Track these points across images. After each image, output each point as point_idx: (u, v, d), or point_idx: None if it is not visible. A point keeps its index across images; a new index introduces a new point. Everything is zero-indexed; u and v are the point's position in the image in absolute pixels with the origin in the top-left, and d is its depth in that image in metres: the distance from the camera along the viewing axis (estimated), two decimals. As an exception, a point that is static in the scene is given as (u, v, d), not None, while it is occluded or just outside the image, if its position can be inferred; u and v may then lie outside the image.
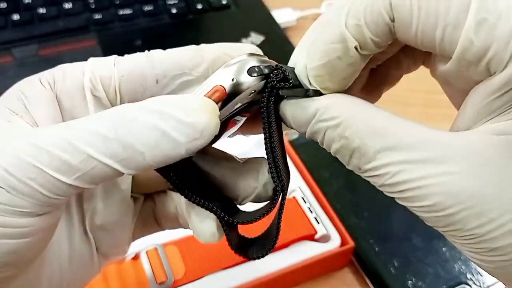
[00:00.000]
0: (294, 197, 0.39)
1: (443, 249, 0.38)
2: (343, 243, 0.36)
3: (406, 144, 0.16)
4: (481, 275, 0.36)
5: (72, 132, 0.16)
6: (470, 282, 0.36)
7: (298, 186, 0.39)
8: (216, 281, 0.34)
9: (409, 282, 0.36)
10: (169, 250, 0.35)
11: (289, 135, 0.46)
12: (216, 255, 0.35)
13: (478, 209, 0.16)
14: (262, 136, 0.20)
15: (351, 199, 0.41)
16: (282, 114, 0.20)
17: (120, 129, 0.16)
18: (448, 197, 0.16)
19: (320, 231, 0.36)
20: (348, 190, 0.42)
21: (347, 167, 0.18)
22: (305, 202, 0.38)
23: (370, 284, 0.37)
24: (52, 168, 0.16)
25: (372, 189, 0.19)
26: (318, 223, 0.37)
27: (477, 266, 0.37)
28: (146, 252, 0.35)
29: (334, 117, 0.18)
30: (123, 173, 0.17)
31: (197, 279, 0.34)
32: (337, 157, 0.18)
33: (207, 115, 0.17)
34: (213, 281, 0.34)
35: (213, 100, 0.18)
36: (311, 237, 0.37)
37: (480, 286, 0.36)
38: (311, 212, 0.38)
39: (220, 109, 0.18)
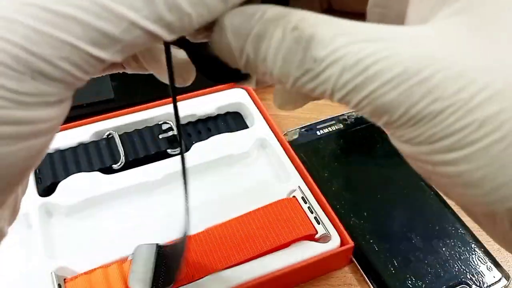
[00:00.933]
0: (294, 197, 0.39)
1: (443, 249, 0.38)
2: (343, 243, 0.36)
3: (364, 30, 0.14)
4: (481, 275, 0.37)
5: None
6: (470, 282, 0.36)
7: (298, 186, 0.40)
8: (216, 281, 0.34)
9: (409, 282, 0.36)
10: (170, 250, 0.35)
11: (288, 135, 0.47)
12: (217, 255, 0.35)
13: (455, 69, 0.13)
14: (260, 136, 0.20)
15: (351, 199, 0.41)
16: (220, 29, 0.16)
17: None
18: (418, 58, 0.13)
19: (320, 231, 0.37)
20: (348, 190, 0.42)
21: (300, 68, 0.15)
22: (305, 202, 0.38)
23: (370, 284, 0.37)
24: (87, 41, 0.13)
25: (372, 189, 0.19)
26: (318, 223, 0.37)
27: (477, 266, 0.37)
28: (147, 252, 0.35)
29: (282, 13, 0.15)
30: (164, 40, 0.14)
31: (198, 279, 0.34)
32: (290, 60, 0.15)
33: None
34: (213, 281, 0.34)
35: None
36: (311, 237, 0.37)
37: (480, 286, 0.36)
38: (311, 212, 0.38)
39: None
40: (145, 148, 0.43)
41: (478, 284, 0.36)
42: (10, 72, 0.12)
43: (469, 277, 0.36)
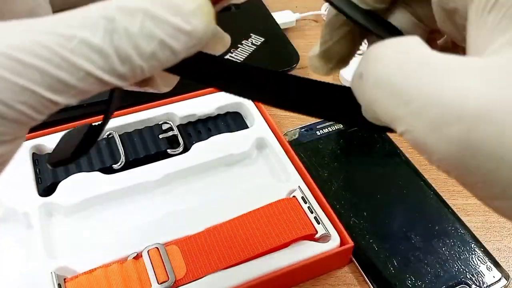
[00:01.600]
0: (294, 197, 0.39)
1: (443, 248, 0.38)
2: (343, 242, 0.37)
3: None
4: (481, 275, 0.37)
5: (60, 41, 0.14)
6: (469, 282, 0.36)
7: (298, 186, 0.40)
8: (217, 280, 0.34)
9: (408, 281, 0.36)
10: (170, 250, 0.35)
11: (288, 135, 0.47)
12: (217, 255, 0.35)
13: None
14: (260, 136, 0.20)
15: (350, 199, 0.41)
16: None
17: (116, 40, 0.14)
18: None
19: (320, 231, 0.37)
20: (348, 190, 0.42)
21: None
22: (305, 202, 0.38)
23: (369, 284, 0.37)
24: (45, 87, 0.14)
25: (372, 189, 0.18)
26: (318, 223, 0.37)
27: (477, 266, 0.37)
28: (148, 252, 0.35)
29: None
30: (115, 86, 0.15)
31: (198, 278, 0.34)
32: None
33: (205, 20, 0.15)
34: (214, 280, 0.34)
35: None
36: (311, 237, 0.37)
37: (480, 286, 0.36)
38: (311, 212, 0.38)
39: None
40: (145, 148, 0.43)
41: (478, 284, 0.36)
42: None
43: (469, 277, 0.36)
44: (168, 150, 0.43)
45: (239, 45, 0.55)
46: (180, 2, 0.15)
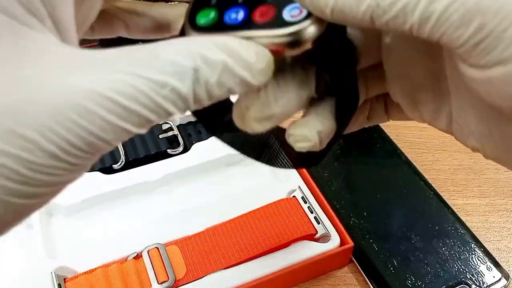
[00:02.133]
0: (294, 197, 0.39)
1: (443, 249, 0.38)
2: (343, 242, 0.37)
3: None
4: (481, 275, 0.37)
5: (155, 88, 0.15)
6: (469, 282, 0.36)
7: (298, 186, 0.40)
8: (217, 280, 0.34)
9: (408, 281, 0.36)
10: (170, 250, 0.35)
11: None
12: (217, 255, 0.35)
13: None
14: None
15: (350, 199, 0.41)
16: None
17: (197, 88, 0.16)
18: None
19: (320, 231, 0.37)
20: (348, 190, 0.42)
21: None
22: (305, 202, 0.38)
23: (369, 284, 0.37)
24: (137, 126, 0.15)
25: (372, 189, 0.18)
26: (318, 223, 0.37)
27: (477, 266, 0.37)
28: (148, 252, 0.35)
29: None
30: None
31: (198, 278, 0.34)
32: None
33: (267, 76, 0.17)
34: (214, 280, 0.34)
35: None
36: (311, 237, 0.37)
37: (480, 286, 0.36)
38: (311, 212, 0.38)
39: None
40: (145, 148, 0.43)
41: (478, 284, 0.36)
42: (78, 152, 0.15)
43: (469, 277, 0.37)
44: (168, 150, 0.43)
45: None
46: (252, 60, 0.17)
